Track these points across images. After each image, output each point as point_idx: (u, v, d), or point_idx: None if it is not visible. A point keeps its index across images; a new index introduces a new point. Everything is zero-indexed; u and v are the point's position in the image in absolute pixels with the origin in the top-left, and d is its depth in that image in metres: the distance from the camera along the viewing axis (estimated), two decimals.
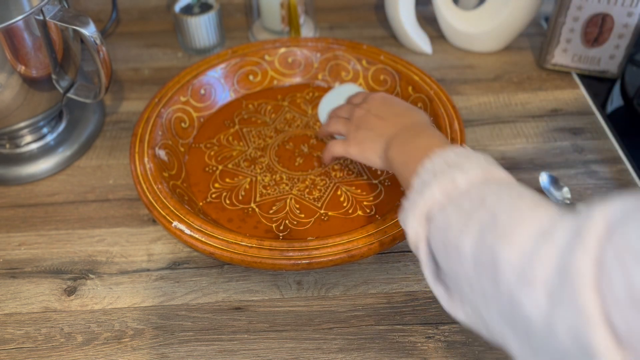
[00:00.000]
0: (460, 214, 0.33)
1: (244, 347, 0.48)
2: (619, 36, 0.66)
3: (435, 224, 0.35)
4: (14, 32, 0.51)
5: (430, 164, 0.38)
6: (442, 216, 0.35)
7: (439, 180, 0.36)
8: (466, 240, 0.32)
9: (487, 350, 0.47)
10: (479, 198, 0.33)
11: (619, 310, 0.23)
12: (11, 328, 0.50)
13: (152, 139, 0.58)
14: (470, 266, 0.31)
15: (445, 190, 0.36)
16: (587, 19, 0.65)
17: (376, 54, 0.68)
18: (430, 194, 0.36)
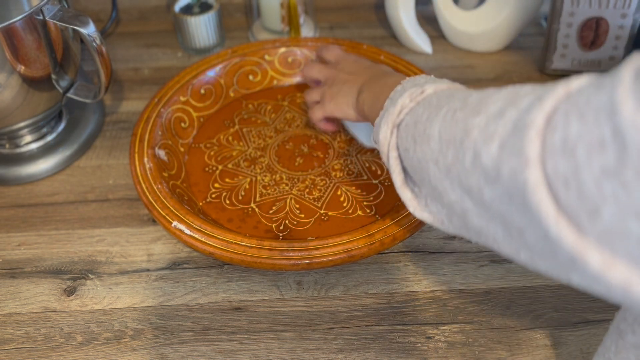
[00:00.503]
0: (429, 108, 0.37)
1: (244, 347, 0.48)
2: (616, 38, 0.66)
3: (403, 125, 0.39)
4: (14, 32, 0.51)
5: (401, 86, 0.42)
6: (411, 115, 0.39)
7: (409, 90, 0.40)
8: (435, 124, 0.35)
9: (487, 350, 0.47)
10: (447, 95, 0.37)
11: (552, 156, 0.26)
12: (11, 328, 0.50)
13: (152, 138, 0.58)
14: (436, 145, 0.35)
15: (414, 96, 0.40)
16: (581, 23, 0.64)
17: (376, 54, 0.68)
18: (401, 101, 0.40)
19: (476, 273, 0.53)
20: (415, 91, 0.40)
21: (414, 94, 0.40)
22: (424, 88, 0.40)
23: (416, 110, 0.39)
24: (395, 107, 0.40)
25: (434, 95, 0.39)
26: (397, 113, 0.40)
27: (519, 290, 0.51)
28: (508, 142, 0.28)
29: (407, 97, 0.40)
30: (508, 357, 0.47)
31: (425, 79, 0.43)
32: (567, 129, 0.25)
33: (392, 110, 0.40)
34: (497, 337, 0.48)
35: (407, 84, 0.42)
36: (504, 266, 0.53)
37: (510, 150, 0.28)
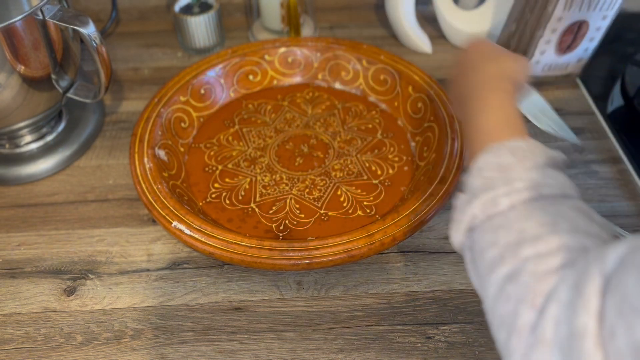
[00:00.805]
0: (494, 247, 0.33)
1: (244, 347, 0.48)
2: (590, 39, 0.62)
3: (475, 239, 0.36)
4: (14, 32, 0.51)
5: (483, 162, 0.37)
6: (480, 235, 0.35)
7: (481, 197, 0.35)
8: (491, 281, 0.32)
9: (487, 350, 0.47)
10: (515, 233, 0.32)
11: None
12: (11, 328, 0.50)
13: (152, 138, 0.58)
14: (491, 307, 0.32)
15: (486, 209, 0.35)
16: (565, 28, 0.60)
17: (376, 54, 0.68)
18: (471, 211, 0.35)
19: None
20: (488, 203, 0.35)
21: (486, 205, 0.35)
22: (497, 199, 0.34)
23: (485, 231, 0.34)
24: (464, 216, 0.36)
25: (505, 218, 0.34)
26: (467, 221, 0.36)
27: None
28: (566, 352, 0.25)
29: (478, 207, 0.35)
30: None
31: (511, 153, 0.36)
32: (631, 332, 0.22)
33: (462, 219, 0.36)
34: None
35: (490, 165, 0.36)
36: None
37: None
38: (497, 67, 0.44)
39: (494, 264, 0.32)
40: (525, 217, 0.33)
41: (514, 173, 0.35)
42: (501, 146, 0.37)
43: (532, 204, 0.33)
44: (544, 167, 0.35)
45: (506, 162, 0.36)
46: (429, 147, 0.59)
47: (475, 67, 0.45)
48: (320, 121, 0.66)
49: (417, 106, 0.64)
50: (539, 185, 0.34)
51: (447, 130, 0.58)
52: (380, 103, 0.67)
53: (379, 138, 0.63)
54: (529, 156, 0.36)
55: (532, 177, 0.34)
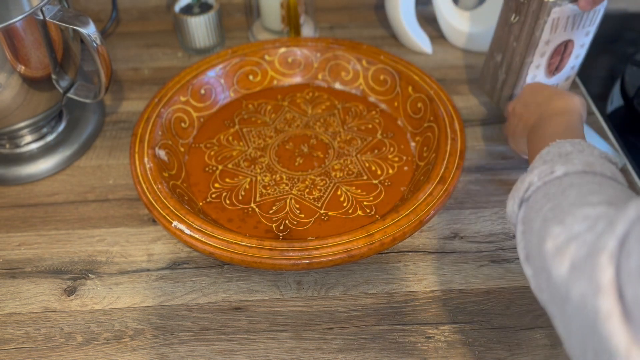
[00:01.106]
0: (544, 198, 0.37)
1: (244, 347, 0.48)
2: (575, 57, 0.62)
3: (529, 206, 0.38)
4: (14, 32, 0.51)
5: (546, 151, 0.41)
6: (534, 197, 0.38)
7: (540, 167, 0.39)
8: (537, 219, 0.35)
9: (487, 350, 0.47)
10: (564, 186, 0.36)
11: (631, 282, 0.25)
12: (11, 328, 0.50)
13: (152, 139, 0.58)
14: (535, 241, 0.35)
15: (542, 176, 0.38)
16: (553, 50, 0.60)
17: (376, 54, 0.68)
18: (529, 178, 0.39)
19: (476, 273, 0.53)
20: (546, 170, 0.39)
21: (543, 173, 0.39)
22: (554, 167, 0.38)
23: (538, 193, 0.38)
24: (523, 184, 0.40)
25: (560, 181, 0.37)
26: (524, 189, 0.39)
27: (518, 290, 0.51)
28: (578, 264, 0.28)
29: (536, 175, 0.39)
30: (508, 357, 0.47)
31: (571, 145, 0.41)
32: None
33: (520, 187, 0.40)
34: (497, 337, 0.48)
35: (551, 152, 0.41)
36: (503, 266, 0.53)
37: (580, 274, 0.28)
38: (564, 102, 0.50)
39: (541, 207, 0.35)
40: (577, 179, 0.36)
41: (571, 156, 0.39)
42: (563, 141, 0.42)
43: (584, 175, 0.37)
44: (599, 157, 0.39)
45: (566, 150, 0.40)
46: (429, 147, 0.59)
47: (541, 102, 0.51)
48: (320, 121, 0.66)
49: (417, 106, 0.64)
50: (593, 164, 0.38)
51: (447, 130, 0.58)
52: (380, 103, 0.67)
53: (378, 138, 0.63)
54: (587, 149, 0.40)
55: (588, 160, 0.38)
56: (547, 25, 0.56)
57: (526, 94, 0.55)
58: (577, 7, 0.55)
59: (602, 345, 0.26)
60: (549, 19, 0.55)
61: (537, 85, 0.56)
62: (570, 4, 0.55)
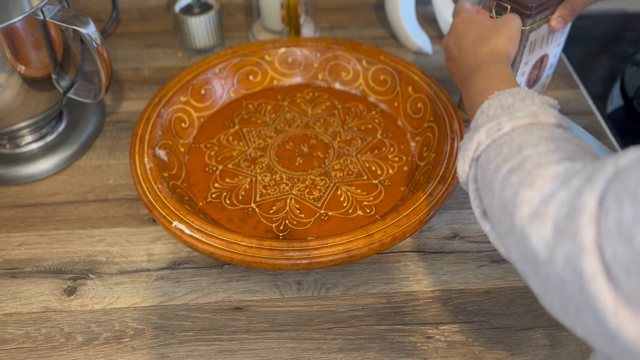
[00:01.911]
0: (498, 157, 0.36)
1: (244, 347, 0.48)
2: (550, 67, 0.65)
3: (479, 164, 0.39)
4: (14, 32, 0.51)
5: (487, 105, 0.41)
6: (485, 157, 0.38)
7: (486, 125, 0.39)
8: (496, 181, 0.35)
9: (487, 350, 0.47)
10: (517, 143, 0.36)
11: (609, 241, 0.25)
12: (11, 328, 0.50)
13: (152, 139, 0.58)
14: (498, 204, 0.34)
15: (490, 133, 0.38)
16: (531, 67, 0.62)
17: (376, 54, 0.68)
18: (477, 137, 0.39)
19: (476, 273, 0.53)
20: (493, 128, 0.38)
21: (490, 130, 0.38)
22: (501, 124, 0.38)
23: (489, 151, 0.38)
24: (471, 144, 0.39)
25: (509, 136, 0.37)
26: (473, 149, 0.39)
27: (518, 290, 0.52)
28: (561, 226, 0.28)
29: (484, 133, 0.39)
30: (508, 357, 0.47)
31: (511, 95, 0.40)
32: (620, 213, 0.24)
33: (469, 147, 0.39)
34: (497, 337, 0.48)
35: (492, 106, 0.40)
36: (503, 266, 0.53)
37: (564, 236, 0.27)
38: (489, 49, 0.49)
39: (498, 167, 0.35)
40: (526, 133, 0.36)
41: (515, 108, 0.39)
42: (502, 92, 0.41)
43: (532, 127, 0.37)
44: (540, 104, 0.39)
45: (507, 102, 0.40)
46: (429, 147, 0.59)
47: (468, 50, 0.50)
48: (320, 121, 0.66)
49: (417, 106, 0.64)
50: (537, 114, 0.38)
51: (447, 130, 0.58)
52: (380, 103, 0.67)
53: (378, 138, 0.63)
54: (527, 98, 0.40)
55: (531, 110, 0.38)
56: (526, 50, 0.58)
57: (457, 29, 0.53)
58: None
59: (588, 305, 0.26)
60: (527, 43, 0.57)
61: (468, 18, 0.53)
62: (544, 24, 0.57)
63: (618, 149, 0.64)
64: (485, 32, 0.50)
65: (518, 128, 0.37)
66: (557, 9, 0.57)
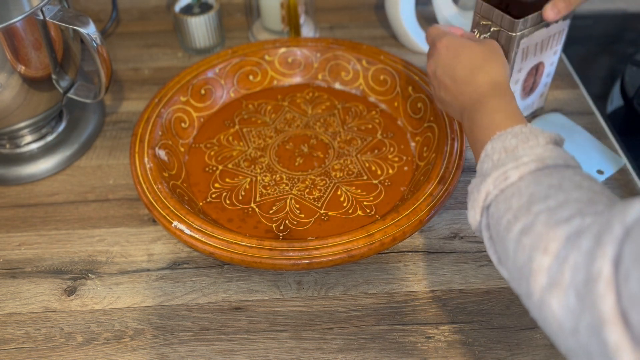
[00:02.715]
0: (508, 212, 0.35)
1: (244, 347, 0.48)
2: (547, 75, 0.64)
3: (490, 213, 0.38)
4: (14, 32, 0.51)
5: (491, 148, 0.40)
6: (495, 207, 0.37)
7: (493, 174, 0.38)
8: (509, 241, 0.34)
9: (487, 350, 0.47)
10: (526, 197, 0.35)
11: (633, 305, 0.24)
12: (11, 328, 0.50)
13: (152, 139, 0.58)
14: (513, 266, 0.34)
15: (498, 183, 0.38)
16: (526, 74, 0.61)
17: (376, 54, 0.68)
18: (485, 187, 0.38)
19: (476, 273, 0.53)
20: (499, 177, 0.37)
21: (497, 180, 0.37)
22: (507, 172, 0.37)
23: (499, 202, 0.37)
24: (480, 194, 0.38)
25: (517, 187, 0.36)
26: (482, 199, 0.38)
27: None
28: (582, 294, 0.27)
29: (491, 183, 0.38)
30: (508, 357, 0.47)
31: (514, 137, 0.39)
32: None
33: (477, 197, 0.39)
34: (497, 337, 0.48)
35: (496, 149, 0.39)
36: None
37: (584, 305, 0.26)
38: (489, 78, 0.46)
39: (509, 225, 0.35)
40: (534, 183, 0.35)
41: (519, 152, 0.38)
42: (505, 132, 0.40)
43: (538, 173, 0.36)
44: (545, 145, 0.38)
45: (510, 145, 0.39)
46: (429, 147, 0.59)
47: (466, 81, 0.47)
48: (320, 121, 0.66)
49: (417, 106, 0.64)
50: (543, 158, 0.37)
51: (447, 130, 0.58)
52: (380, 103, 0.67)
53: (378, 138, 0.63)
54: (531, 137, 0.39)
55: (537, 152, 0.37)
56: (518, 57, 0.57)
57: (444, 56, 0.49)
58: (543, 32, 0.56)
59: None
60: (519, 50, 0.56)
61: (453, 43, 0.49)
62: (537, 31, 0.56)
63: (618, 149, 0.64)
64: (478, 58, 0.47)
65: (525, 176, 0.36)
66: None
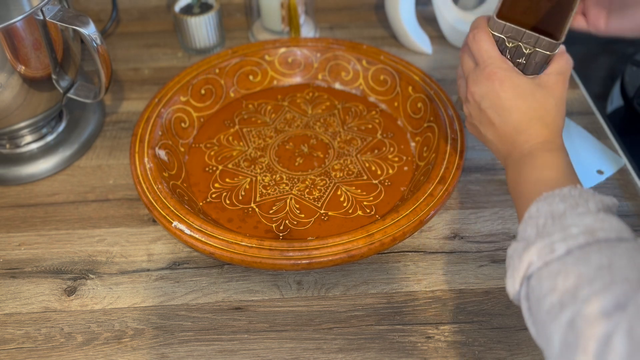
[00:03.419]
0: (553, 294, 0.33)
1: (244, 347, 0.48)
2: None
3: (531, 285, 0.35)
4: (14, 32, 0.51)
5: (536, 210, 0.37)
6: (537, 280, 0.34)
7: (537, 244, 0.35)
8: (552, 328, 0.32)
9: (487, 350, 0.47)
10: (573, 279, 0.32)
11: None
12: (11, 328, 0.50)
13: (152, 139, 0.58)
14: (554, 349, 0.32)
15: (543, 255, 0.35)
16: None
17: (376, 54, 0.68)
18: (528, 257, 0.35)
19: (476, 273, 0.53)
20: (545, 249, 0.34)
21: (543, 252, 0.34)
22: (554, 244, 0.34)
23: (542, 277, 0.34)
24: (521, 263, 0.35)
25: (563, 263, 0.33)
26: (524, 269, 0.35)
27: None
28: None
29: (535, 253, 0.35)
30: (508, 357, 0.47)
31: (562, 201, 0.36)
32: None
33: (519, 266, 0.36)
34: (497, 336, 0.48)
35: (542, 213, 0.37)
36: (503, 266, 0.53)
37: None
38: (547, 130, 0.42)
39: (554, 311, 0.32)
40: (583, 261, 0.32)
41: (568, 219, 0.35)
42: (552, 194, 0.37)
43: (588, 248, 0.33)
44: (596, 212, 0.35)
45: (558, 210, 0.36)
46: (429, 147, 0.59)
47: (519, 128, 0.43)
48: (320, 121, 0.66)
49: (417, 106, 0.64)
50: (594, 230, 0.34)
51: (447, 130, 0.58)
52: (380, 103, 0.67)
53: (378, 138, 0.63)
54: (581, 202, 0.36)
55: (587, 223, 0.34)
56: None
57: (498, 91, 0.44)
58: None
59: None
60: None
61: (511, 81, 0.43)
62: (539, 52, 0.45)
63: (618, 149, 0.64)
64: (539, 108, 0.43)
65: (573, 251, 0.33)
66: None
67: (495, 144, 0.46)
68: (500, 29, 0.45)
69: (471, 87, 0.46)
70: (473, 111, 0.46)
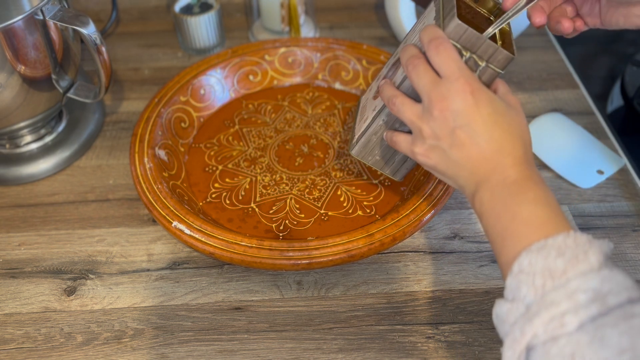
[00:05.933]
0: None
1: (244, 347, 0.48)
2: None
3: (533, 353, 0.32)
4: (14, 32, 0.51)
5: (528, 264, 0.33)
6: (541, 350, 0.31)
7: (542, 314, 0.31)
8: None
9: (487, 350, 0.47)
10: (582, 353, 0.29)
11: None
12: (11, 328, 0.50)
13: (152, 139, 0.58)
14: None
15: (551, 330, 0.31)
16: None
17: (376, 54, 0.68)
18: (532, 330, 0.32)
19: (476, 273, 0.53)
20: (554, 322, 0.31)
21: (550, 325, 0.31)
22: (564, 318, 0.31)
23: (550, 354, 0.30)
24: (523, 335, 0.32)
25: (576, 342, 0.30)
26: (526, 341, 0.32)
27: None
28: None
29: (541, 327, 0.31)
30: None
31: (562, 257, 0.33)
32: None
33: (520, 338, 0.32)
34: (497, 336, 0.48)
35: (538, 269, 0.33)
36: None
37: None
38: (527, 151, 0.39)
39: None
40: (600, 343, 0.29)
41: (572, 283, 0.31)
42: (545, 245, 0.33)
43: (602, 322, 0.30)
44: (599, 270, 0.32)
45: (557, 267, 0.32)
46: None
47: (498, 148, 0.38)
48: (320, 121, 0.66)
49: None
50: (604, 295, 0.31)
51: None
52: None
53: None
54: (581, 257, 0.32)
55: (594, 286, 0.31)
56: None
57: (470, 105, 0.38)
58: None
59: None
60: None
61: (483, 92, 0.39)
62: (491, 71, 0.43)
63: (618, 149, 0.64)
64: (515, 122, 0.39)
65: (586, 325, 0.30)
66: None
67: (466, 168, 0.39)
68: (459, 36, 0.40)
69: (438, 104, 0.39)
70: (440, 131, 0.39)
